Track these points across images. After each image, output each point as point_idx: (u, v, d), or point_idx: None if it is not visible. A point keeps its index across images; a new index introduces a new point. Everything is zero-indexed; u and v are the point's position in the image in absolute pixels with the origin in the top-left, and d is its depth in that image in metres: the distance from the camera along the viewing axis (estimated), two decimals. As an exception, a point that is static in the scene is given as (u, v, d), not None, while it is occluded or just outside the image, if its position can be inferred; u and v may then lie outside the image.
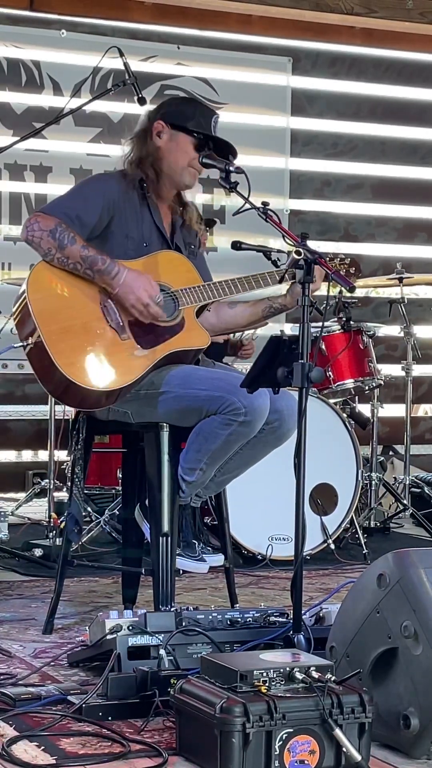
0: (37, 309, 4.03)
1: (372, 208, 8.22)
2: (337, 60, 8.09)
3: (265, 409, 3.99)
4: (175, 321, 4.18)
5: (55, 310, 4.06)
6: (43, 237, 4.06)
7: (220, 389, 3.98)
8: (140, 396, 4.10)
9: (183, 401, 4.05)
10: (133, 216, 4.22)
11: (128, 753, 2.94)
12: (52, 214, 4.10)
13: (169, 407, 4.07)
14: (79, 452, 4.27)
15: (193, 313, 4.21)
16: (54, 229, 4.05)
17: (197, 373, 4.12)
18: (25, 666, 3.74)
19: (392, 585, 3.05)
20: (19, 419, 7.29)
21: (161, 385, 4.08)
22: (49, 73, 7.25)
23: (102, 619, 3.49)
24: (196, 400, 4.02)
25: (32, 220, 4.10)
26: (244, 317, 4.39)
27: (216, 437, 4.00)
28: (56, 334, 4.02)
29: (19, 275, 6.93)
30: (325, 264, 3.67)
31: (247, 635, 3.53)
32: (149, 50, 7.47)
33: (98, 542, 5.89)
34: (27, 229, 4.09)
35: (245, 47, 7.77)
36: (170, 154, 4.24)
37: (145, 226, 4.24)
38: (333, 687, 2.86)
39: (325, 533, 5.72)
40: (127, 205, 4.22)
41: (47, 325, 4.02)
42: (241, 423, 3.96)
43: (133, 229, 4.21)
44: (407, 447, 6.85)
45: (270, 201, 3.94)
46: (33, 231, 4.07)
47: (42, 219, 4.08)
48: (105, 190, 4.21)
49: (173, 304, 4.17)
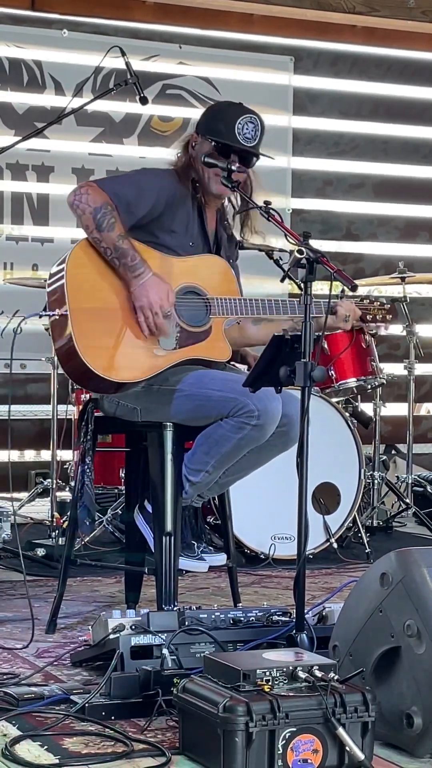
0: (72, 284, 4.02)
1: (374, 207, 8.22)
2: (338, 59, 8.09)
3: (277, 414, 3.99)
4: (202, 328, 4.16)
5: (90, 289, 4.06)
6: (85, 212, 4.04)
7: (234, 391, 3.97)
8: (152, 391, 4.09)
9: (195, 400, 4.04)
10: (184, 216, 4.21)
11: (131, 752, 2.94)
12: (104, 189, 4.08)
13: (180, 406, 4.07)
14: (88, 443, 4.27)
15: (221, 324, 4.19)
16: (99, 207, 4.03)
17: (211, 374, 4.11)
18: (28, 665, 3.74)
19: (395, 584, 3.05)
20: (22, 419, 7.30)
21: (175, 383, 4.07)
22: (51, 72, 7.26)
23: (105, 618, 3.49)
24: (209, 400, 4.02)
25: (84, 189, 4.08)
26: (262, 335, 4.34)
27: (227, 440, 4.00)
28: (84, 313, 4.02)
29: (21, 275, 6.95)
30: (327, 263, 3.66)
31: (250, 634, 3.53)
32: (151, 50, 7.48)
33: (101, 542, 5.89)
34: (75, 195, 4.07)
35: (247, 46, 7.78)
36: (195, 163, 4.24)
37: (194, 227, 4.23)
38: (336, 686, 2.86)
39: (327, 532, 5.72)
40: (181, 204, 4.20)
41: (78, 302, 4.01)
42: (253, 427, 3.96)
43: (180, 228, 4.19)
44: (410, 446, 6.85)
45: (272, 200, 3.94)
46: (80, 201, 4.06)
47: (93, 192, 4.06)
48: (161, 186, 4.19)
49: (205, 311, 4.16)
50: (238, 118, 4.23)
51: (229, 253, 4.39)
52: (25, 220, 7.23)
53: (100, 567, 4.96)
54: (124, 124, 7.40)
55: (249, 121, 4.23)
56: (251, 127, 4.23)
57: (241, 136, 4.21)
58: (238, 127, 4.21)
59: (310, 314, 3.56)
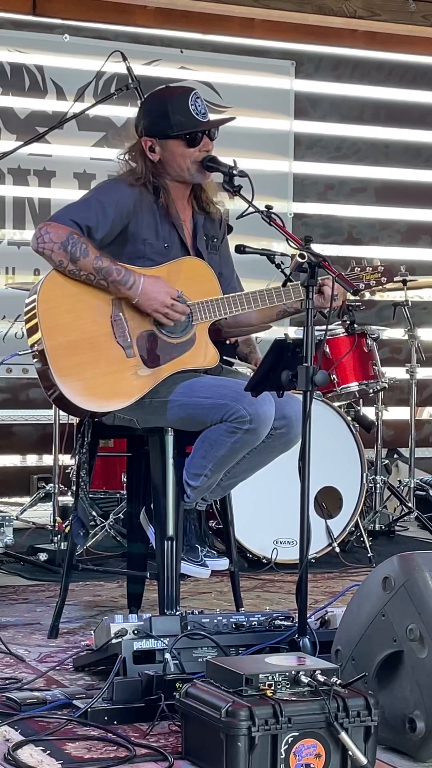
0: (45, 320, 4.01)
1: (376, 211, 8.23)
2: (340, 63, 8.10)
3: (270, 417, 3.98)
4: (186, 337, 4.13)
5: (64, 322, 4.03)
6: (54, 249, 4.00)
7: (224, 397, 3.97)
8: (145, 404, 4.08)
9: (187, 409, 4.03)
10: (151, 220, 4.17)
11: (134, 757, 2.94)
12: (63, 223, 4.04)
13: (174, 415, 4.06)
14: (84, 456, 4.27)
15: (206, 329, 4.16)
16: (66, 240, 3.99)
17: (201, 381, 4.09)
18: (30, 670, 3.73)
19: (397, 588, 3.05)
20: (24, 423, 7.30)
21: (167, 394, 4.06)
22: (53, 77, 7.26)
23: (107, 623, 3.49)
24: (200, 408, 4.01)
25: (43, 230, 4.03)
26: (258, 317, 4.32)
27: (221, 444, 3.99)
28: (61, 348, 4.00)
29: (23, 279, 6.94)
30: (329, 267, 3.65)
31: (252, 639, 3.53)
32: (152, 54, 7.48)
33: (103, 546, 5.88)
34: (38, 240, 4.03)
35: (248, 51, 7.78)
36: (171, 163, 4.19)
37: (164, 228, 4.19)
38: (338, 690, 2.85)
39: (330, 536, 5.72)
40: (144, 209, 4.16)
41: (53, 339, 4.00)
42: (246, 431, 3.95)
43: (151, 234, 4.16)
44: (412, 450, 6.84)
45: (273, 204, 3.93)
46: (44, 242, 4.01)
47: (53, 229, 4.03)
48: (119, 197, 4.14)
49: (187, 319, 4.14)
50: (187, 102, 4.16)
51: (212, 233, 4.33)
52: (27, 224, 7.23)
53: (102, 572, 4.95)
54: (126, 128, 7.38)
55: (196, 98, 4.18)
56: (199, 102, 4.18)
57: (200, 115, 4.15)
58: (193, 110, 4.15)
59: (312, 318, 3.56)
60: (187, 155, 4.17)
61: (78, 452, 4.29)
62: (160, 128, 4.19)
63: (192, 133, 4.15)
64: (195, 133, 4.15)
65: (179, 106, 4.17)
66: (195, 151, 4.16)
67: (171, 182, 4.22)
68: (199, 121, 4.16)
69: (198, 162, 4.16)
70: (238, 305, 4.14)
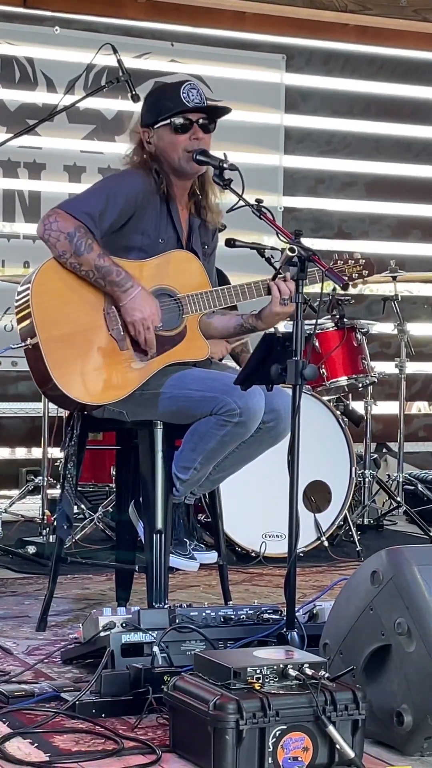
0: (39, 313, 4.01)
1: (366, 205, 8.22)
2: (330, 57, 8.09)
3: (259, 410, 3.98)
4: (177, 330, 4.14)
5: (58, 314, 4.04)
6: (59, 239, 4.00)
7: (214, 390, 3.97)
8: (136, 396, 4.08)
9: (177, 402, 4.04)
10: (153, 214, 4.17)
11: (122, 750, 2.94)
12: (72, 213, 4.04)
13: (164, 408, 4.07)
14: (72, 449, 4.27)
15: (196, 322, 4.17)
16: (72, 232, 4.00)
17: (192, 374, 4.10)
18: (18, 663, 3.74)
19: (386, 582, 3.05)
20: (13, 416, 7.29)
21: (157, 386, 4.07)
22: (43, 69, 7.25)
23: (95, 616, 3.49)
24: (191, 400, 4.01)
25: (51, 218, 4.03)
26: (217, 329, 4.31)
27: (211, 437, 3.99)
28: (55, 341, 4.00)
29: (13, 272, 6.93)
30: (318, 261, 3.66)
31: (240, 632, 3.53)
32: (143, 47, 7.47)
33: (92, 539, 5.88)
34: (45, 227, 4.03)
35: (239, 44, 7.77)
36: (164, 153, 4.19)
37: (163, 223, 4.20)
38: (326, 684, 2.86)
39: (318, 530, 5.72)
40: (150, 202, 4.17)
41: (47, 331, 4.00)
42: (236, 424, 3.95)
43: (150, 227, 4.16)
44: (401, 444, 6.85)
45: (264, 198, 3.93)
46: (51, 230, 4.02)
47: (62, 218, 4.02)
48: (128, 189, 4.15)
49: (178, 312, 4.14)
50: (180, 89, 4.18)
51: (204, 239, 4.34)
52: (17, 217, 7.22)
53: (90, 565, 4.95)
54: (116, 121, 7.39)
55: (191, 87, 4.19)
56: (195, 92, 4.19)
57: (191, 102, 4.16)
58: (183, 96, 4.15)
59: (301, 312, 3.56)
60: (177, 143, 4.16)
61: (67, 445, 4.29)
62: (152, 116, 4.21)
63: (180, 121, 4.14)
64: (184, 122, 4.15)
65: (170, 94, 4.19)
66: (185, 139, 4.15)
67: (170, 177, 4.22)
68: (186, 106, 4.16)
69: (187, 152, 4.15)
70: (228, 299, 4.15)
